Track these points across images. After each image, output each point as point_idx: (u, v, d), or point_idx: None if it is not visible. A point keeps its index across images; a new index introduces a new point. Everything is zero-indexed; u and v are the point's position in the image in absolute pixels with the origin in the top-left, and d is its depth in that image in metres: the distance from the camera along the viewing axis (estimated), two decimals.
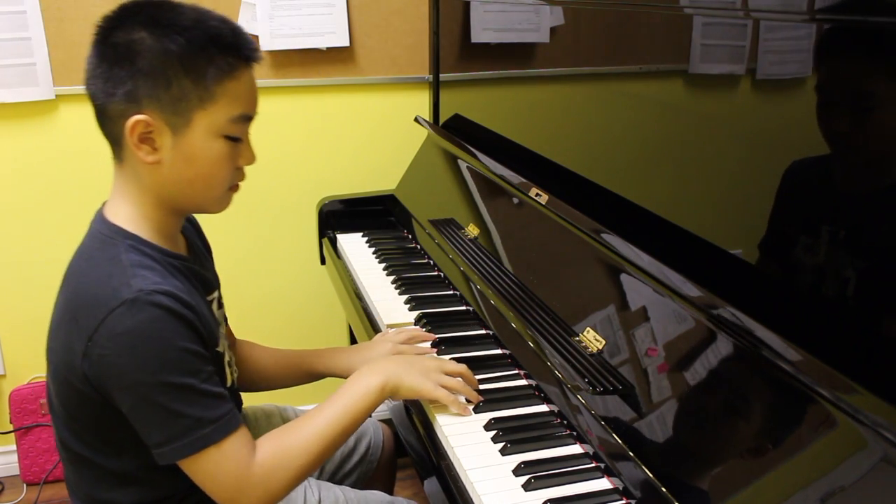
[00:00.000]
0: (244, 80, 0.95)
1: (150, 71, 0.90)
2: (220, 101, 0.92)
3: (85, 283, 0.93)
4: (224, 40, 0.93)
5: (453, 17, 1.86)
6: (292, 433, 0.98)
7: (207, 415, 0.90)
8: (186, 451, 0.90)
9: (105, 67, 0.91)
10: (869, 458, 0.72)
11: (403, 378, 1.06)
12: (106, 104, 0.92)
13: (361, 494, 1.19)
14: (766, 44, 0.92)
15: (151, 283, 0.90)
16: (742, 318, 0.88)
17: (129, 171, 0.96)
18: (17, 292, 2.00)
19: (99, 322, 0.88)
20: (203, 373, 0.92)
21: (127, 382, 0.89)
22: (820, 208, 0.87)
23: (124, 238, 0.95)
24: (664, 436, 0.93)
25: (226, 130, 0.94)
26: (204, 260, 1.11)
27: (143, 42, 0.90)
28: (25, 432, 2.02)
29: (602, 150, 1.32)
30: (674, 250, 1.03)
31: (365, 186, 2.05)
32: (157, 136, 0.92)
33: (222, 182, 0.98)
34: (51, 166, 1.93)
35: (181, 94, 0.90)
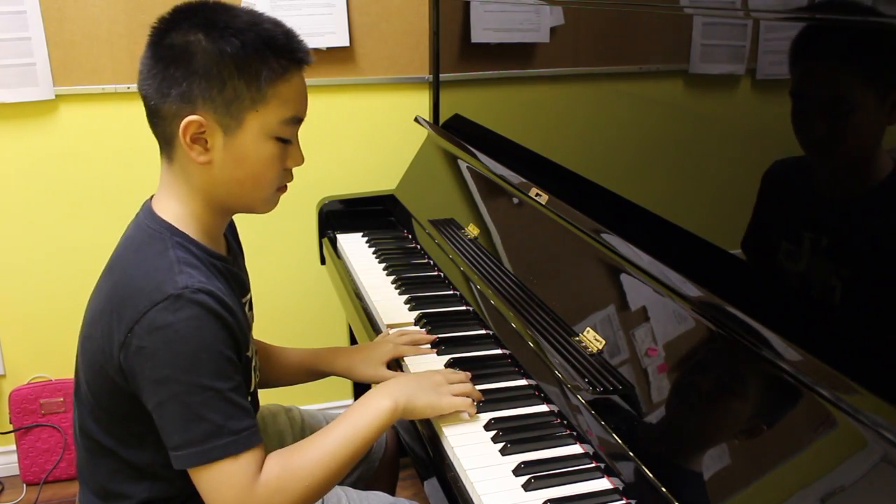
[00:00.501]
0: (295, 82, 0.96)
1: (205, 72, 0.91)
2: (272, 102, 0.94)
3: (131, 275, 0.93)
4: (277, 43, 0.94)
5: (453, 17, 1.86)
6: (299, 455, 0.96)
7: (229, 425, 0.90)
8: (201, 459, 0.90)
9: (160, 68, 0.92)
10: (869, 458, 0.72)
11: (417, 398, 1.04)
12: (159, 104, 0.93)
13: (364, 495, 1.18)
14: (766, 44, 0.92)
15: (196, 281, 0.91)
16: (742, 318, 0.88)
17: (179, 170, 0.97)
18: (17, 292, 2.00)
19: (141, 314, 0.89)
20: (233, 381, 0.91)
21: (158, 377, 0.89)
22: (819, 208, 0.87)
23: (172, 234, 0.95)
24: (664, 436, 0.93)
25: (277, 132, 0.95)
26: (239, 260, 1.12)
27: (199, 44, 0.91)
28: (25, 432, 2.02)
29: (602, 150, 1.32)
30: (674, 250, 1.03)
31: (365, 186, 2.05)
32: (209, 137, 0.93)
33: (271, 183, 0.99)
34: (50, 166, 1.93)
35: (235, 95, 0.92)
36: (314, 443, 0.98)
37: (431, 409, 1.05)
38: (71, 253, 1.98)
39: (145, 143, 1.02)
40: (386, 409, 1.01)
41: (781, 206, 0.92)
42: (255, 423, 0.93)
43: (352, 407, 1.03)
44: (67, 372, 2.06)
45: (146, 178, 1.06)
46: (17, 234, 1.95)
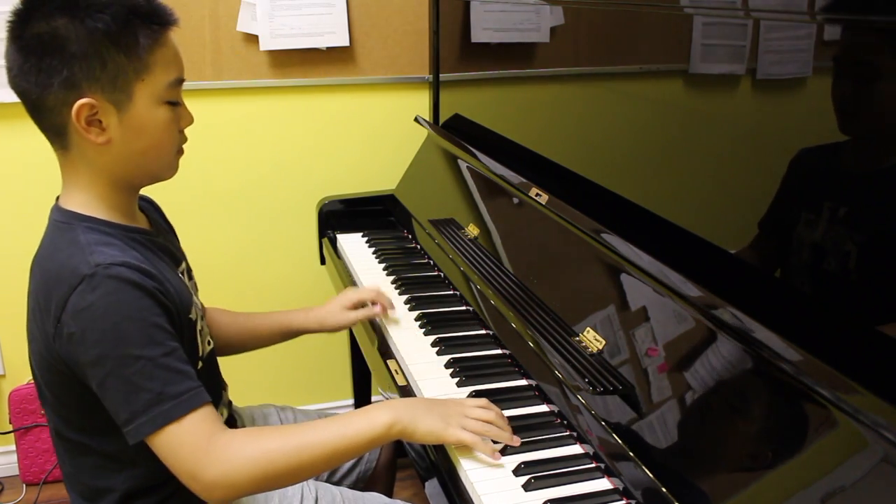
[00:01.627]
0: (170, 45, 0.97)
1: (83, 54, 0.90)
2: (155, 69, 0.94)
3: (48, 269, 0.95)
4: (143, 9, 0.93)
5: (453, 16, 1.86)
6: (274, 433, 0.96)
7: (168, 390, 0.90)
8: (148, 428, 0.90)
9: (34, 60, 0.91)
10: (869, 458, 0.72)
11: (420, 421, 0.98)
12: (43, 97, 0.92)
13: (360, 496, 1.18)
14: (766, 44, 0.92)
15: (109, 256, 0.91)
16: (742, 318, 0.88)
17: (78, 157, 0.97)
18: (16, 293, 1.99)
19: (64, 301, 0.90)
20: (165, 346, 0.91)
21: (91, 357, 0.90)
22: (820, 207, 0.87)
23: (80, 221, 0.96)
24: (664, 436, 0.93)
25: (166, 96, 0.96)
26: (168, 235, 1.13)
27: (66, 27, 0.90)
28: (25, 432, 2.02)
29: (602, 150, 1.32)
30: (674, 250, 1.03)
31: (365, 186, 2.05)
32: (102, 117, 0.93)
33: (171, 147, 1.00)
34: (50, 166, 1.92)
35: (118, 70, 0.92)
36: (294, 430, 0.96)
37: (433, 436, 0.99)
38: None
39: None
40: (383, 422, 0.97)
41: (781, 204, 0.92)
42: (197, 385, 0.92)
43: (351, 411, 1.01)
44: None
45: None
46: (17, 233, 1.95)
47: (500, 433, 1.00)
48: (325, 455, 0.95)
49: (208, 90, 1.95)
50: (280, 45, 1.96)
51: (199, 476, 0.91)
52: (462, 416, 1.00)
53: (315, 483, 1.18)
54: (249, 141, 2.05)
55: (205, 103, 1.95)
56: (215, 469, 0.90)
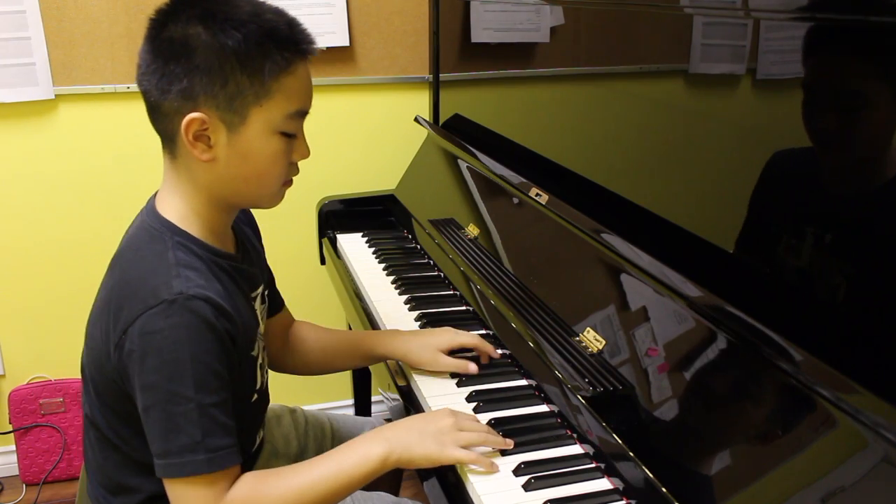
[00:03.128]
0: (300, 74, 0.94)
1: (207, 67, 0.88)
2: (277, 96, 0.91)
3: (129, 276, 0.92)
4: (280, 34, 0.90)
5: (453, 16, 1.86)
6: (273, 481, 0.93)
7: (207, 441, 0.88)
8: (175, 472, 0.88)
9: (160, 63, 0.89)
10: (869, 458, 0.72)
11: (414, 448, 0.96)
12: (160, 101, 0.90)
13: (368, 495, 1.18)
14: (766, 44, 0.92)
15: (193, 286, 0.89)
16: (742, 318, 0.88)
17: (182, 167, 0.94)
18: (16, 293, 2.00)
19: (135, 317, 0.87)
20: (217, 396, 0.89)
21: (144, 382, 0.88)
22: (820, 207, 0.87)
23: (173, 234, 0.93)
24: (664, 436, 0.93)
25: (282, 126, 0.93)
26: (254, 255, 1.10)
27: (198, 37, 0.88)
28: (25, 433, 2.02)
29: (602, 150, 1.32)
30: (674, 250, 1.03)
31: (365, 186, 2.05)
32: (212, 134, 0.90)
33: (277, 178, 0.97)
34: (50, 166, 1.93)
35: (237, 90, 0.89)
36: (294, 472, 0.95)
37: (429, 461, 0.97)
38: (71, 253, 1.98)
39: (145, 142, 1.02)
40: (377, 456, 0.95)
41: (781, 205, 0.92)
42: (234, 444, 0.91)
43: (343, 445, 0.99)
44: (67, 372, 2.06)
45: (146, 177, 1.05)
46: (17, 233, 1.95)
47: (495, 440, 1.00)
48: (322, 497, 0.94)
49: None
50: None
51: None
52: (454, 430, 0.99)
53: None
54: None
55: None
56: None
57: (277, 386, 2.34)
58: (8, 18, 1.79)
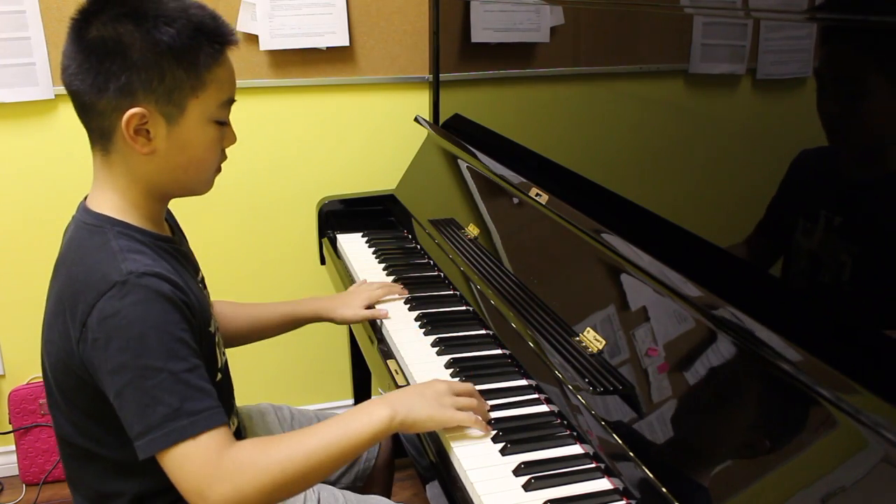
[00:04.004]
0: (228, 64, 0.98)
1: (144, 64, 0.90)
2: (211, 87, 0.95)
3: (75, 272, 0.94)
4: (208, 27, 0.94)
5: (453, 16, 1.86)
6: (279, 441, 0.94)
7: (186, 406, 0.88)
8: (161, 444, 0.88)
9: (93, 62, 0.91)
10: (869, 458, 0.72)
11: (418, 410, 0.99)
12: (96, 99, 0.92)
13: (362, 499, 1.18)
14: (766, 44, 0.92)
15: (142, 265, 0.91)
16: (742, 318, 0.88)
17: (118, 162, 0.96)
18: (16, 293, 2.00)
19: (91, 306, 0.89)
20: (188, 362, 0.90)
21: (113, 365, 0.88)
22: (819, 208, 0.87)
23: (112, 225, 0.96)
24: (664, 436, 0.93)
25: (216, 115, 0.97)
26: (185, 243, 1.13)
27: (131, 35, 0.90)
28: (25, 432, 2.02)
29: (602, 150, 1.32)
30: (674, 250, 1.03)
31: (365, 186, 2.05)
32: (151, 128, 0.93)
33: (212, 165, 1.01)
34: (50, 166, 1.93)
35: (175, 84, 0.92)
36: (299, 436, 0.95)
37: (433, 421, 1.01)
38: None
39: None
40: (383, 418, 0.97)
41: (781, 205, 0.92)
42: (216, 405, 0.91)
43: (348, 410, 1.01)
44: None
45: None
46: (17, 233, 1.95)
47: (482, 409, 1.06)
48: (331, 458, 0.95)
49: None
50: (280, 45, 1.96)
51: (208, 495, 0.89)
52: (450, 393, 1.03)
53: (318, 485, 1.18)
54: (249, 141, 2.04)
55: None
56: (225, 488, 0.89)
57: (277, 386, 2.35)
58: (8, 18, 1.79)
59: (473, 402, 1.05)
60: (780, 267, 0.92)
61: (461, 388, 1.06)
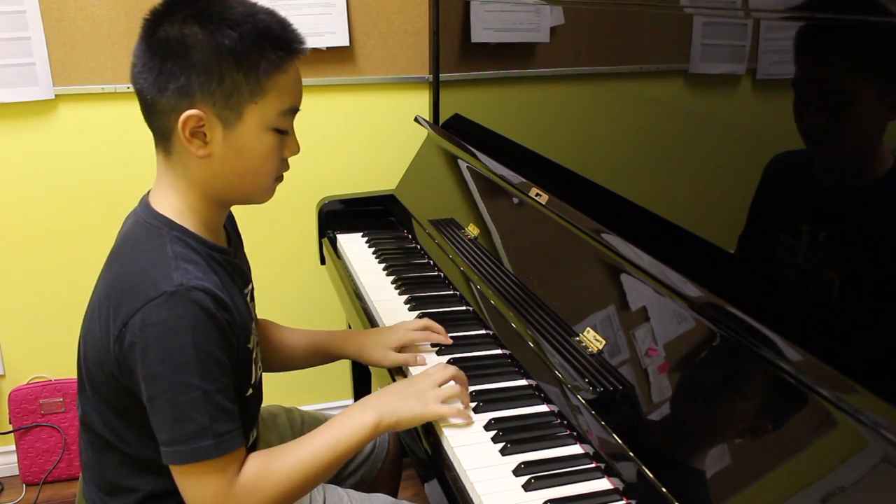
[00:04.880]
0: (292, 73, 0.96)
1: (204, 66, 0.90)
2: (271, 94, 0.94)
3: (128, 270, 0.94)
4: (274, 34, 0.93)
5: (453, 16, 1.86)
6: (278, 458, 0.97)
7: (214, 427, 0.90)
8: (185, 458, 0.91)
9: (157, 62, 0.91)
10: (869, 458, 0.72)
11: (401, 410, 1.03)
12: (156, 99, 0.92)
13: (366, 497, 1.18)
14: (766, 44, 0.92)
15: (193, 277, 0.91)
16: (742, 318, 0.88)
17: (177, 164, 0.97)
18: (16, 293, 2.00)
19: (136, 310, 0.89)
20: (220, 382, 0.92)
21: (149, 373, 0.89)
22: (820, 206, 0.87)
23: (170, 228, 0.96)
24: (664, 436, 0.93)
25: (275, 123, 0.96)
26: (241, 252, 1.13)
27: (195, 37, 0.90)
28: (25, 432, 2.02)
29: (602, 150, 1.32)
30: (674, 250, 1.03)
31: (365, 186, 2.05)
32: (208, 131, 0.93)
33: (270, 173, 1.00)
34: (50, 166, 1.93)
35: (234, 88, 0.91)
36: (295, 448, 0.99)
37: (417, 419, 1.04)
38: (70, 253, 1.98)
39: (145, 142, 1.03)
40: (368, 423, 1.00)
41: (781, 204, 0.92)
42: (238, 426, 0.94)
43: (336, 417, 1.03)
44: (67, 372, 2.06)
45: (146, 177, 1.06)
46: (17, 233, 1.95)
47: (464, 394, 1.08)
48: (326, 466, 0.99)
49: None
50: None
51: None
52: (433, 386, 1.06)
53: (323, 485, 1.18)
54: None
55: None
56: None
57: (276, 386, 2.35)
58: (8, 18, 1.79)
59: (457, 389, 1.07)
60: (780, 267, 0.92)
61: (441, 377, 1.08)
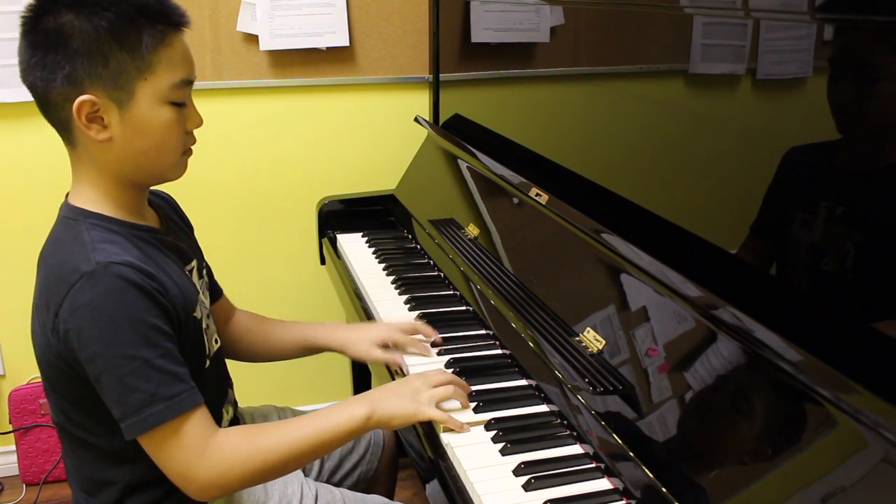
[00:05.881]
0: (178, 45, 0.97)
1: (86, 51, 0.91)
2: (159, 69, 0.94)
3: (51, 264, 0.96)
4: (151, 9, 0.94)
5: (453, 16, 1.86)
6: (265, 433, 0.99)
7: (161, 391, 0.91)
8: (140, 428, 0.91)
9: (40, 55, 0.92)
10: (869, 458, 0.72)
11: (393, 408, 1.04)
12: (48, 91, 0.94)
13: (361, 498, 1.18)
14: (766, 44, 0.92)
15: (110, 255, 0.92)
16: (742, 318, 0.88)
17: (83, 154, 0.98)
18: (16, 292, 2.00)
19: (63, 297, 0.91)
20: (160, 348, 0.92)
21: (87, 355, 0.91)
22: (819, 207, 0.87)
23: (86, 217, 0.97)
24: (664, 436, 0.93)
25: (170, 97, 0.96)
26: (179, 232, 1.13)
27: (71, 24, 0.91)
28: (25, 432, 2.02)
29: (602, 150, 1.32)
30: (674, 250, 1.03)
31: (365, 186, 2.05)
32: (104, 114, 0.94)
33: (175, 148, 1.00)
34: (50, 166, 1.92)
35: (120, 68, 0.92)
36: (283, 426, 1.00)
37: (408, 419, 1.05)
38: None
39: None
40: (360, 416, 1.02)
41: (781, 205, 0.92)
42: (190, 387, 0.94)
43: (330, 406, 1.04)
44: None
45: None
46: (17, 233, 1.95)
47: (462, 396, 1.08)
48: (311, 449, 1.00)
49: (208, 90, 1.95)
50: (280, 45, 1.96)
51: (192, 477, 0.94)
52: (428, 387, 1.07)
53: (315, 483, 1.18)
54: (249, 141, 2.05)
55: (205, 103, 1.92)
56: (208, 471, 0.94)
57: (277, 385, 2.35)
58: (8, 18, 1.79)
59: (450, 390, 1.07)
60: (780, 267, 0.92)
61: (438, 379, 1.08)
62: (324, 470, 1.31)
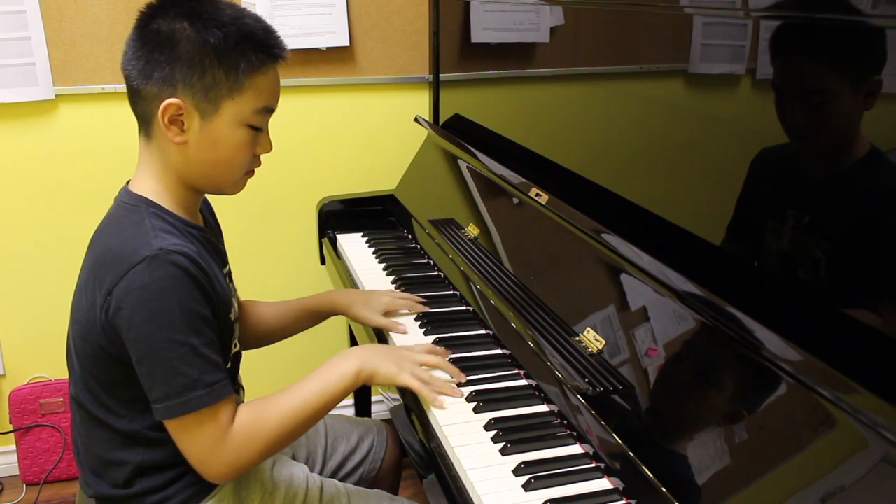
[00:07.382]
0: (271, 75, 1.03)
1: (188, 59, 0.97)
2: (248, 92, 1.00)
3: (109, 244, 1.00)
4: (257, 38, 1.00)
5: (453, 17, 1.86)
6: (270, 406, 1.03)
7: (204, 378, 0.96)
8: (180, 410, 0.95)
9: (145, 51, 0.98)
10: (869, 458, 0.72)
11: (379, 365, 1.10)
12: (141, 85, 0.99)
13: (364, 492, 1.19)
14: (766, 44, 0.92)
15: (171, 243, 0.96)
16: (742, 318, 0.88)
17: (156, 148, 1.03)
18: (16, 293, 2.00)
19: (119, 277, 0.94)
20: (206, 336, 0.97)
21: (137, 335, 0.94)
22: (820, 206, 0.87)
23: (147, 206, 1.02)
24: (664, 436, 0.93)
25: (250, 120, 1.02)
26: (219, 236, 1.19)
27: (183, 32, 0.97)
28: (25, 432, 2.02)
29: (602, 150, 1.32)
30: (674, 250, 1.03)
31: (365, 186, 2.05)
32: (186, 119, 0.99)
33: (241, 166, 1.06)
34: (50, 166, 1.93)
35: (213, 82, 0.98)
36: (285, 396, 1.04)
37: (388, 379, 1.11)
38: (71, 253, 1.98)
39: None
40: (350, 371, 1.08)
41: (782, 205, 0.92)
42: (226, 376, 0.99)
43: (321, 366, 1.09)
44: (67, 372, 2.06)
45: None
46: (17, 233, 1.95)
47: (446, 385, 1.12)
48: (313, 413, 1.05)
49: None
50: None
51: (212, 462, 0.99)
52: (413, 362, 1.13)
53: (320, 477, 1.20)
54: None
55: None
56: (229, 454, 0.99)
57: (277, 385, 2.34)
58: (8, 18, 1.79)
59: (429, 375, 1.13)
60: (780, 267, 0.92)
61: (426, 358, 1.15)
62: (326, 469, 1.32)
